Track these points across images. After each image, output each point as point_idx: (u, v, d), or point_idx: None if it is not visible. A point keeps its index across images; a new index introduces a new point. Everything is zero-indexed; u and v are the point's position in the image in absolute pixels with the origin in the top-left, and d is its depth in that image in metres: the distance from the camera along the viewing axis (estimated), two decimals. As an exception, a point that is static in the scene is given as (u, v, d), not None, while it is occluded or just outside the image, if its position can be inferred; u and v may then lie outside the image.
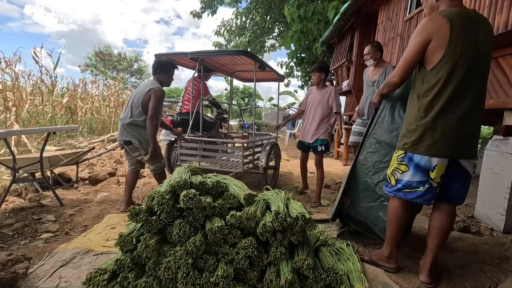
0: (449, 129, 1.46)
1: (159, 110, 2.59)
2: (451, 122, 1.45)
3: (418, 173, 1.54)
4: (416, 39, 1.48)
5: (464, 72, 1.42)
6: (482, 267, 1.74)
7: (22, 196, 3.34)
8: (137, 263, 1.49)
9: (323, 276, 1.46)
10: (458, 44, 1.39)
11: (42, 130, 3.07)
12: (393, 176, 1.65)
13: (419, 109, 1.51)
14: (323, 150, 3.20)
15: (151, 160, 2.66)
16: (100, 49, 26.61)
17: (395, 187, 1.64)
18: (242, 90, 22.79)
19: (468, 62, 1.42)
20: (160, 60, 2.77)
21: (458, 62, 1.41)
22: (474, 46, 1.42)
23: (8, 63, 6.63)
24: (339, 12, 5.92)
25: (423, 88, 1.50)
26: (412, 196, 1.58)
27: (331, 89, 3.19)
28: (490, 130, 9.47)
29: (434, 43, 1.43)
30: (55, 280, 1.61)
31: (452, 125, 1.45)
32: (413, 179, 1.56)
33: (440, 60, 1.43)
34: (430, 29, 1.43)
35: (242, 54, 3.23)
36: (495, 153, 2.45)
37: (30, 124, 6.62)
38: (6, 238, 2.17)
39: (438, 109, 1.46)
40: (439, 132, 1.46)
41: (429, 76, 1.48)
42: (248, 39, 11.54)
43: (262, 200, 1.63)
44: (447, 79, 1.42)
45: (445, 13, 1.43)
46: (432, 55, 1.46)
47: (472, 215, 2.65)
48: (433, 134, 1.48)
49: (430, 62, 1.47)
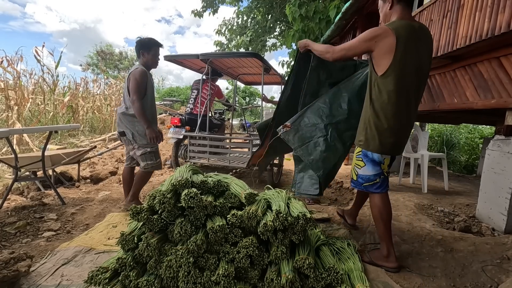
0: (396, 132, 1.67)
1: (139, 91, 2.44)
2: (398, 126, 1.66)
3: (373, 167, 1.74)
4: (362, 41, 1.63)
5: (408, 82, 1.60)
6: (483, 267, 1.73)
7: (24, 195, 3.36)
8: (139, 261, 1.50)
9: (324, 275, 1.46)
10: (403, 56, 1.55)
11: (44, 129, 3.09)
12: (354, 171, 1.83)
13: (373, 112, 1.68)
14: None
15: (143, 156, 2.55)
16: (101, 48, 26.67)
17: (357, 181, 1.82)
18: (243, 90, 22.80)
19: (411, 73, 1.59)
20: (141, 40, 2.58)
21: (403, 73, 1.57)
22: (416, 59, 1.59)
23: (10, 62, 6.66)
24: (341, 11, 5.90)
25: (375, 93, 1.66)
26: (372, 188, 1.77)
27: None
28: (492, 130, 9.44)
29: (378, 51, 1.59)
30: (57, 278, 1.62)
31: (398, 129, 1.67)
32: (370, 173, 1.75)
33: (388, 68, 1.58)
34: (378, 38, 1.58)
35: (252, 57, 3.29)
36: (497, 153, 2.44)
37: (32, 123, 6.65)
38: (9, 236, 2.18)
39: (389, 114, 1.63)
40: (388, 134, 1.67)
41: (380, 83, 1.63)
42: (249, 38, 11.53)
43: (263, 200, 1.63)
44: (394, 88, 1.59)
45: (394, 26, 1.57)
46: (380, 61, 1.61)
47: (473, 215, 2.65)
48: (383, 135, 1.67)
49: (379, 69, 1.62)
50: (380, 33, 1.57)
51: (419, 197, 3.14)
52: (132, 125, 2.53)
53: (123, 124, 2.56)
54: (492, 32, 2.41)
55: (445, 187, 3.61)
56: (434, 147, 9.39)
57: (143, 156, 2.56)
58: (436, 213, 2.77)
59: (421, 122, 6.71)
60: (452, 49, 2.91)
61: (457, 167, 8.54)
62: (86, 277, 1.44)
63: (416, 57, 1.58)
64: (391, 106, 1.61)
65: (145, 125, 2.46)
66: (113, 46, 27.76)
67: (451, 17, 3.00)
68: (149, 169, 2.61)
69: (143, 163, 2.58)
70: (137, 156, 2.59)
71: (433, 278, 1.70)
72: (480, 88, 2.80)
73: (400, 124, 1.67)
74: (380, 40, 1.56)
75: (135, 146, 2.56)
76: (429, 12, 3.46)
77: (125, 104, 2.56)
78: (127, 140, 2.58)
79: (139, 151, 2.55)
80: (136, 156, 2.59)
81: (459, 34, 2.84)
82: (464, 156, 9.21)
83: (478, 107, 2.83)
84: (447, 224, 2.57)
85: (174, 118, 4.14)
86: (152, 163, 2.60)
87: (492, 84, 2.65)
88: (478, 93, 2.84)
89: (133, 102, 2.40)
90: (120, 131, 2.58)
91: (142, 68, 2.50)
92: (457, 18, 2.91)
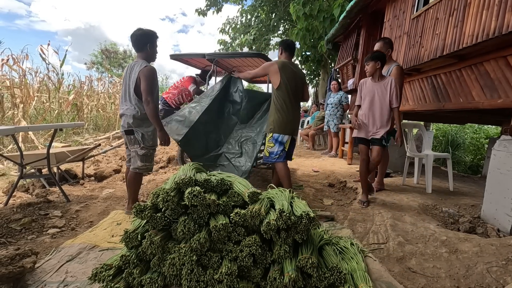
0: (289, 122, 2.76)
1: (154, 91, 2.36)
2: (290, 118, 2.76)
3: (279, 146, 2.76)
4: (262, 70, 2.81)
5: (291, 94, 2.75)
6: (488, 269, 1.72)
7: (30, 192, 3.39)
8: (142, 259, 1.50)
9: (327, 275, 1.46)
10: (284, 78, 2.69)
11: (49, 126, 3.11)
12: (267, 151, 2.81)
13: (276, 111, 2.76)
14: (385, 144, 2.85)
15: (144, 157, 2.48)
16: (105, 46, 26.82)
17: (269, 157, 2.79)
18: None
19: (292, 88, 2.74)
20: (146, 31, 2.44)
21: (287, 88, 2.72)
22: (293, 80, 2.74)
23: (16, 60, 6.71)
24: (345, 9, 5.87)
25: (275, 99, 2.77)
26: (279, 159, 2.78)
27: (391, 79, 2.81)
28: (498, 130, 9.34)
29: (271, 75, 2.75)
30: (61, 275, 1.63)
31: (290, 120, 2.76)
32: (277, 149, 2.76)
33: (278, 86, 2.72)
34: (269, 69, 2.76)
35: (258, 57, 3.30)
36: (503, 154, 2.41)
37: (37, 120, 6.70)
38: (14, 233, 2.21)
39: (283, 112, 2.74)
40: (285, 123, 2.74)
41: (276, 93, 2.75)
42: (253, 37, 11.51)
43: (266, 198, 1.63)
44: (283, 97, 2.73)
45: (279, 62, 2.74)
46: (273, 81, 2.75)
47: (479, 215, 2.62)
48: (282, 124, 2.74)
49: (274, 84, 2.75)
50: (271, 65, 2.75)
51: (423, 197, 3.12)
52: (142, 126, 2.44)
53: (132, 124, 2.43)
54: (500, 31, 2.38)
55: (450, 188, 3.57)
56: (438, 147, 9.32)
57: (143, 157, 2.49)
58: (440, 214, 2.75)
59: (426, 122, 6.66)
60: (458, 48, 2.88)
61: (462, 168, 8.48)
62: (90, 274, 1.46)
63: (293, 79, 2.73)
64: (284, 108, 2.73)
65: (158, 128, 2.42)
66: (117, 45, 27.96)
67: (458, 16, 2.97)
68: (143, 170, 2.53)
69: (141, 163, 2.50)
70: (138, 155, 2.49)
71: (437, 279, 1.69)
72: (487, 87, 2.77)
73: (290, 118, 2.76)
74: (271, 69, 2.73)
75: (141, 145, 2.48)
76: (435, 11, 3.42)
77: (131, 104, 2.41)
78: (134, 139, 2.47)
79: (142, 150, 2.48)
80: (136, 154, 2.50)
81: (466, 33, 2.81)
82: (469, 156, 9.13)
83: (484, 106, 2.80)
84: (452, 224, 2.55)
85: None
86: (148, 165, 2.55)
87: (499, 83, 2.62)
88: (484, 92, 2.80)
89: (148, 103, 2.31)
90: (128, 130, 2.45)
91: (151, 66, 2.39)
92: (464, 17, 2.88)
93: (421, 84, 3.92)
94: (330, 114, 6.15)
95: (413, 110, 4.14)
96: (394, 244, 2.06)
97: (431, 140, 4.00)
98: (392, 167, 4.55)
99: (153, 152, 2.58)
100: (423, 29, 3.66)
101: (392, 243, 2.08)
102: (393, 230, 2.26)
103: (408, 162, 3.85)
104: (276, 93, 2.74)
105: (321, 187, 3.88)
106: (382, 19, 5.38)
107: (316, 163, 5.48)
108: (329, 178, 4.27)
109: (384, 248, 2.04)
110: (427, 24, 3.59)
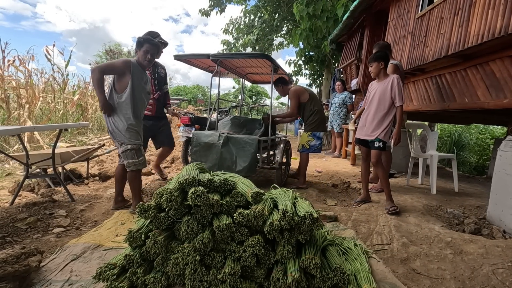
0: (324, 122, 3.61)
1: (108, 67, 2.39)
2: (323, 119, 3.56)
3: (317, 140, 3.58)
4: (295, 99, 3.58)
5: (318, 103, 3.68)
6: (494, 270, 1.70)
7: (35, 191, 3.42)
8: (146, 258, 1.51)
9: (330, 275, 1.45)
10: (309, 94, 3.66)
11: (54, 126, 3.14)
12: (307, 144, 3.57)
13: (313, 115, 3.57)
14: (380, 147, 2.76)
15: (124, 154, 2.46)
16: (110, 47, 26.93)
17: (310, 149, 3.57)
18: (250, 89, 22.79)
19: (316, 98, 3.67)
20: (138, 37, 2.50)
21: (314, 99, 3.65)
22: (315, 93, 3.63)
23: (22, 61, 6.78)
24: (349, 9, 5.84)
25: (308, 108, 3.59)
26: (317, 151, 3.66)
27: (393, 77, 2.73)
28: (504, 131, 9.23)
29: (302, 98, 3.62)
30: (66, 274, 1.64)
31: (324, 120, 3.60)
32: (316, 143, 3.57)
33: (308, 99, 3.57)
34: (302, 97, 3.60)
35: (262, 58, 3.32)
36: (509, 154, 2.39)
37: (42, 120, 6.76)
38: (20, 231, 2.23)
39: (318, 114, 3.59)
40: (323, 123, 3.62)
41: (307, 105, 3.61)
42: (256, 37, 11.49)
43: (269, 199, 1.63)
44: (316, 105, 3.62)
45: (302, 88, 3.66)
46: (302, 99, 3.62)
47: (484, 217, 2.60)
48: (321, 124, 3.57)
49: (304, 100, 3.60)
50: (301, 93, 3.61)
51: (428, 198, 3.09)
52: (112, 120, 2.43)
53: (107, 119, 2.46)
54: (506, 30, 2.35)
55: (455, 188, 3.54)
56: (443, 147, 9.24)
57: (124, 154, 2.45)
58: (445, 215, 2.72)
59: (430, 122, 6.60)
60: (463, 48, 2.85)
61: (467, 168, 8.40)
62: (95, 273, 1.46)
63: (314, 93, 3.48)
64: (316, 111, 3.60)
65: (99, 97, 2.34)
66: (121, 45, 28.02)
67: (463, 15, 2.94)
68: (131, 168, 2.48)
69: (125, 161, 2.48)
70: (121, 154, 2.48)
71: (442, 281, 1.68)
72: (492, 87, 2.74)
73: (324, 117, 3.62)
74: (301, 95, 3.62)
75: (117, 143, 2.46)
76: (440, 10, 3.39)
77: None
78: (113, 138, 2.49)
79: (120, 148, 2.45)
80: (120, 153, 2.49)
81: (471, 32, 2.78)
82: (475, 157, 9.04)
83: (489, 107, 2.77)
84: (457, 226, 2.52)
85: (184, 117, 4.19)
86: (134, 162, 2.47)
87: (505, 83, 2.59)
88: (489, 92, 2.77)
89: (93, 70, 2.27)
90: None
91: (128, 58, 2.45)
92: (469, 16, 2.85)
93: (426, 84, 3.89)
94: (333, 114, 6.13)
95: (417, 110, 4.11)
96: (398, 245, 2.05)
97: (436, 140, 3.96)
98: (396, 168, 4.52)
99: (134, 148, 2.47)
100: (427, 28, 3.63)
101: (396, 244, 2.06)
102: (397, 231, 2.25)
103: (413, 162, 3.82)
104: (307, 105, 3.56)
105: (324, 187, 3.87)
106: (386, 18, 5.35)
107: (319, 163, 5.46)
108: (332, 178, 4.26)
109: (388, 249, 2.03)
110: (431, 23, 3.56)
